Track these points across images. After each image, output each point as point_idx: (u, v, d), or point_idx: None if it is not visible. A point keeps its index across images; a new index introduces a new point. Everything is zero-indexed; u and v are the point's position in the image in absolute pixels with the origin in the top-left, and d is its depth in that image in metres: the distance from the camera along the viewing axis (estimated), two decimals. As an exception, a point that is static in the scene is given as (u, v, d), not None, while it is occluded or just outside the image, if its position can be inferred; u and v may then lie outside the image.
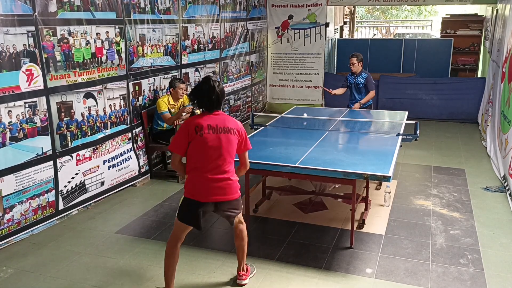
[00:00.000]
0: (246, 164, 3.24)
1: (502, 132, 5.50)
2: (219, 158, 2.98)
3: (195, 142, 2.96)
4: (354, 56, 6.23)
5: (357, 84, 6.26)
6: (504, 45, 6.28)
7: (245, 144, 3.15)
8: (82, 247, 4.00)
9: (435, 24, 15.91)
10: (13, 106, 3.89)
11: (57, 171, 4.37)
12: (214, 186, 3.00)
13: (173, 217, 4.59)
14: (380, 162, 3.88)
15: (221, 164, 2.99)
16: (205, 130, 2.95)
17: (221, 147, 2.98)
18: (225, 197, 3.04)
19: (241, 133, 3.10)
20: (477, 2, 9.06)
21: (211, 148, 2.96)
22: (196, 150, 2.98)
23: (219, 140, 2.97)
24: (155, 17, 5.63)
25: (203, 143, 2.95)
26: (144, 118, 5.58)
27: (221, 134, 2.98)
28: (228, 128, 3.01)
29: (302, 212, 4.68)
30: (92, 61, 4.70)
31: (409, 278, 3.48)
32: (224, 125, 3.01)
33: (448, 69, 9.50)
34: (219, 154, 2.98)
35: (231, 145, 3.02)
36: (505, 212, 4.62)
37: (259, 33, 8.90)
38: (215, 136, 2.97)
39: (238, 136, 3.07)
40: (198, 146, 2.96)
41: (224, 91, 3.11)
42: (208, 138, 2.95)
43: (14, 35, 3.84)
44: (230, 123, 3.04)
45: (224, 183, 3.02)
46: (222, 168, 3.00)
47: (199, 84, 3.07)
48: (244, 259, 3.39)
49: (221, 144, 2.97)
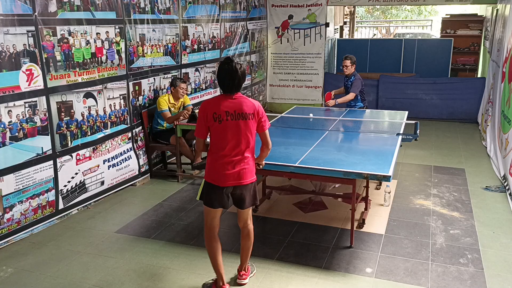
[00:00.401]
0: (267, 143, 3.20)
1: (502, 132, 5.50)
2: (237, 144, 3.01)
3: (214, 128, 3.00)
4: (348, 58, 6.12)
5: (348, 87, 6.19)
6: (504, 45, 6.28)
7: (264, 124, 3.12)
8: (82, 246, 4.00)
9: (435, 24, 15.91)
10: (13, 106, 3.89)
11: (57, 170, 4.37)
12: (232, 172, 3.03)
13: (173, 216, 4.60)
14: (380, 162, 3.88)
15: (239, 150, 3.03)
16: (223, 117, 2.97)
17: (239, 133, 3.00)
18: (239, 182, 3.07)
19: (260, 114, 3.08)
20: (477, 2, 9.06)
21: (229, 134, 2.99)
22: (215, 136, 3.03)
23: (238, 127, 2.99)
24: (155, 17, 5.64)
25: (221, 129, 2.98)
26: (144, 117, 5.58)
27: (240, 121, 2.99)
28: (246, 114, 3.00)
29: (302, 212, 4.68)
30: (92, 61, 4.70)
31: (409, 277, 3.48)
32: (242, 110, 2.99)
33: (448, 69, 9.50)
34: (237, 140, 3.01)
35: (250, 130, 3.04)
36: (505, 212, 4.62)
37: (259, 33, 8.91)
38: (234, 123, 2.98)
39: (256, 118, 3.06)
40: (217, 132, 3.00)
41: (245, 73, 3.11)
42: (227, 125, 2.98)
43: (14, 35, 3.85)
44: (248, 107, 3.02)
45: (240, 169, 3.05)
46: (240, 154, 3.04)
47: (220, 65, 3.03)
48: (247, 260, 3.40)
49: (239, 131, 3.00)
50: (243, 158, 3.06)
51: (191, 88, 6.66)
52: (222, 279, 3.22)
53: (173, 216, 4.61)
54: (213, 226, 3.18)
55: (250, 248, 3.35)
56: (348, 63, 6.12)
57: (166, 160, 6.12)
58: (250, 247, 3.34)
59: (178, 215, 4.63)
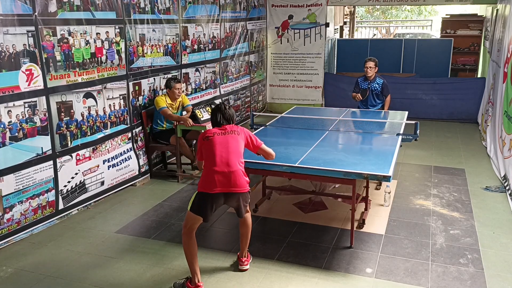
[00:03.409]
0: (268, 155, 3.60)
1: (506, 132, 5.48)
2: (226, 154, 3.27)
3: (204, 147, 3.35)
4: (372, 60, 6.11)
5: (373, 91, 6.17)
6: (504, 45, 6.28)
7: (256, 142, 3.50)
8: (82, 246, 4.00)
9: (435, 24, 15.90)
10: (13, 106, 3.89)
11: (57, 170, 4.37)
12: (222, 179, 3.24)
13: (173, 216, 4.60)
14: (380, 162, 3.88)
15: (228, 159, 3.26)
16: (211, 135, 3.35)
17: (227, 145, 3.30)
18: (232, 189, 3.27)
19: (246, 134, 3.45)
20: (477, 2, 9.05)
21: (218, 146, 3.29)
22: (206, 153, 3.33)
23: (226, 140, 3.32)
24: (155, 17, 5.63)
25: (210, 144, 3.31)
26: (144, 118, 5.58)
27: (227, 135, 3.35)
28: (232, 131, 3.39)
29: (302, 212, 4.68)
30: (92, 61, 4.70)
31: (409, 277, 3.48)
32: (229, 129, 3.39)
33: (448, 69, 9.49)
34: (225, 150, 3.28)
35: (237, 143, 3.35)
36: (505, 212, 4.62)
37: (259, 33, 8.90)
38: (221, 137, 3.33)
39: (244, 137, 3.43)
40: (207, 148, 3.32)
41: (234, 114, 3.52)
42: (214, 139, 3.32)
43: (14, 35, 3.85)
44: (233, 128, 3.42)
45: (231, 176, 3.25)
46: (229, 163, 3.26)
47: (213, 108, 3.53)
48: (247, 246, 3.59)
49: (227, 143, 3.30)
50: (233, 170, 3.26)
51: (191, 88, 6.66)
52: (197, 277, 3.32)
53: (173, 216, 4.61)
54: (192, 229, 3.33)
55: (248, 235, 3.56)
56: (372, 65, 6.11)
57: (166, 160, 6.11)
58: (248, 233, 3.55)
59: (178, 215, 4.63)
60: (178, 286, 3.35)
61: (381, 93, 6.20)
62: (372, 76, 6.16)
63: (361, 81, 6.28)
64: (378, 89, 6.17)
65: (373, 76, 6.17)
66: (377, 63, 6.16)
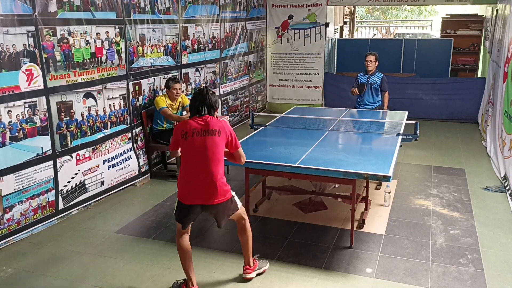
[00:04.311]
0: (240, 159, 3.35)
1: (506, 132, 5.48)
2: (204, 161, 3.07)
3: (182, 145, 3.13)
4: (373, 54, 6.14)
5: (372, 84, 6.18)
6: (504, 45, 6.28)
7: (235, 144, 3.23)
8: (82, 246, 4.00)
9: (435, 24, 15.90)
10: (13, 106, 3.89)
11: (57, 170, 4.37)
12: (198, 190, 3.08)
13: (173, 216, 4.59)
14: (380, 162, 3.88)
15: (206, 167, 3.07)
16: (189, 134, 3.08)
17: (206, 149, 3.06)
18: (209, 201, 3.11)
19: (227, 132, 3.16)
20: (477, 2, 9.05)
21: (196, 150, 3.07)
22: (184, 153, 3.14)
23: (204, 143, 3.07)
24: (155, 17, 5.63)
25: (188, 146, 3.09)
26: (144, 118, 5.58)
27: (206, 137, 3.07)
28: (212, 130, 3.09)
29: (302, 212, 4.68)
30: (92, 61, 4.70)
31: (409, 277, 3.48)
32: (208, 127, 3.09)
33: (448, 69, 9.49)
34: (204, 157, 3.07)
35: (216, 147, 3.09)
36: (505, 212, 4.62)
37: (258, 33, 8.90)
38: (200, 139, 3.07)
39: (225, 136, 3.14)
40: (185, 149, 3.12)
41: (216, 99, 3.24)
42: (193, 142, 3.07)
43: (14, 35, 3.85)
44: (214, 125, 3.11)
45: (208, 187, 3.08)
46: (208, 171, 3.07)
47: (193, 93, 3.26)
48: (248, 254, 3.43)
49: (206, 146, 3.06)
50: (211, 175, 3.07)
51: (191, 88, 6.66)
52: (192, 281, 3.26)
53: (173, 216, 4.60)
54: (185, 235, 3.26)
55: (247, 243, 3.40)
56: (373, 59, 6.13)
57: (166, 160, 6.11)
58: (248, 241, 3.39)
59: (178, 215, 4.62)
60: (176, 286, 3.35)
61: (380, 87, 6.20)
62: (372, 70, 6.18)
63: (361, 75, 6.32)
64: (378, 82, 6.18)
65: (373, 70, 6.19)
66: (377, 57, 6.19)
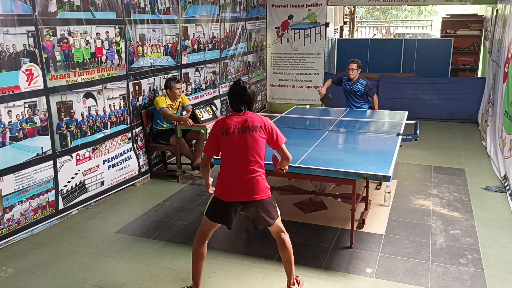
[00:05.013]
0: (287, 157, 3.18)
1: (506, 132, 5.48)
2: (245, 158, 2.99)
3: (222, 142, 3.02)
4: (355, 62, 6.08)
5: (356, 92, 6.16)
6: (504, 45, 6.28)
7: (277, 139, 3.10)
8: (82, 246, 4.00)
9: (435, 24, 15.90)
10: (13, 106, 3.89)
11: (57, 170, 4.37)
12: (239, 186, 3.00)
13: (173, 216, 4.60)
14: (380, 162, 3.88)
15: (247, 164, 2.99)
16: (231, 130, 3.00)
17: (247, 146, 2.98)
18: (248, 197, 3.01)
19: (268, 129, 3.06)
20: (477, 2, 9.05)
21: (237, 147, 2.99)
22: (224, 151, 3.04)
23: (245, 139, 2.99)
24: (155, 17, 5.63)
25: (229, 143, 3.00)
26: (144, 118, 5.58)
27: (247, 133, 2.99)
28: (253, 127, 3.01)
29: (302, 212, 4.68)
30: (92, 61, 4.70)
31: (409, 277, 3.48)
32: (248, 123, 3.01)
33: (448, 69, 9.50)
34: (245, 154, 2.99)
35: (257, 144, 3.01)
36: (505, 212, 4.62)
37: (257, 33, 8.90)
38: (241, 136, 2.99)
39: (265, 132, 3.04)
40: (225, 146, 3.02)
41: (255, 92, 3.15)
42: (234, 138, 2.99)
43: (14, 35, 3.85)
44: (255, 121, 3.03)
45: (249, 184, 2.99)
46: (248, 168, 2.99)
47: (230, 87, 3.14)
48: (292, 272, 3.22)
49: (247, 143, 2.98)
50: (252, 172, 2.99)
51: (191, 88, 6.66)
52: (197, 286, 3.20)
53: (173, 216, 4.61)
54: (207, 236, 3.16)
55: (289, 260, 3.19)
56: (355, 67, 6.08)
57: (166, 160, 6.11)
58: (290, 258, 3.18)
59: (178, 215, 4.63)
60: None
61: (365, 94, 6.18)
62: (354, 78, 6.14)
63: (345, 80, 6.26)
64: (362, 90, 6.13)
65: (356, 78, 6.15)
66: (360, 65, 6.12)
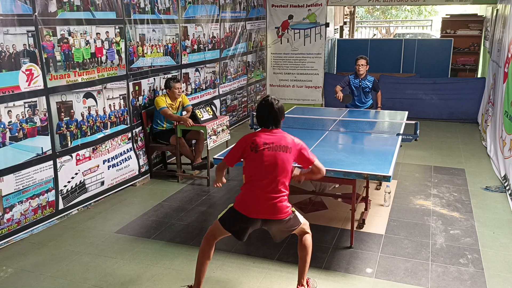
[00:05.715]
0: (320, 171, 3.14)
1: (506, 132, 5.48)
2: (272, 177, 2.96)
3: (250, 158, 2.99)
4: (364, 58, 6.12)
5: (364, 88, 6.18)
6: (504, 45, 6.28)
7: (308, 159, 3.07)
8: (82, 246, 4.00)
9: (435, 24, 15.91)
10: (13, 106, 3.89)
11: (57, 170, 4.37)
12: (263, 204, 2.96)
13: (173, 216, 4.60)
14: (380, 162, 3.88)
15: (274, 183, 2.96)
16: (261, 147, 2.96)
17: (276, 165, 2.95)
18: (272, 216, 2.99)
19: (298, 150, 3.03)
20: (477, 2, 9.06)
21: (265, 165, 2.95)
22: (252, 166, 3.00)
23: (275, 158, 2.96)
24: (155, 17, 5.64)
25: (258, 159, 2.96)
26: (144, 118, 5.58)
27: (278, 152, 2.96)
28: (284, 147, 2.98)
29: (302, 212, 4.67)
30: (92, 61, 4.70)
31: (409, 277, 3.47)
32: (280, 143, 2.99)
33: (448, 69, 9.50)
34: (273, 173, 2.95)
35: (286, 164, 2.98)
36: (505, 212, 4.62)
37: (257, 33, 8.90)
38: (271, 154, 2.96)
39: (295, 154, 3.01)
40: (254, 162, 2.98)
41: (283, 109, 3.11)
42: (263, 155, 2.95)
43: (14, 35, 3.85)
44: (285, 141, 3.01)
45: (273, 203, 2.96)
46: (275, 187, 2.96)
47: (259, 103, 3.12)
48: (304, 272, 3.19)
49: (276, 162, 2.95)
50: (278, 192, 2.97)
51: (191, 88, 6.66)
52: (199, 285, 3.18)
53: (173, 217, 4.61)
54: (215, 238, 3.14)
55: (305, 259, 3.16)
56: (364, 62, 6.11)
57: (166, 160, 6.11)
58: (306, 257, 3.15)
59: (178, 215, 4.63)
60: None
61: (372, 90, 6.22)
62: (363, 74, 6.16)
63: (352, 78, 6.26)
64: (369, 86, 6.18)
65: (365, 74, 6.18)
66: (368, 61, 6.18)
